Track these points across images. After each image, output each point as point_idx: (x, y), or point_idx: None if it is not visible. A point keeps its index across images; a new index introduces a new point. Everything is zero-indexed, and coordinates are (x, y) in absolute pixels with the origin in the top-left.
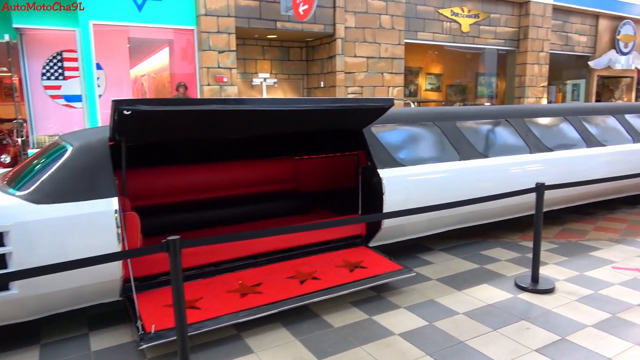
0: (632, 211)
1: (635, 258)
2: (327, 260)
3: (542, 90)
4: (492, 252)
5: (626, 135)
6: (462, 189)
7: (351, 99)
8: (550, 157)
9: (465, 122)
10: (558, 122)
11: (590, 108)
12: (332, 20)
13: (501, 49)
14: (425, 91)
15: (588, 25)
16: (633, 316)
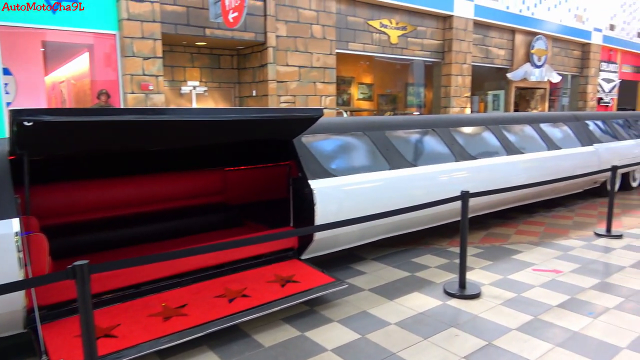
0: (549, 214)
1: (552, 260)
2: (257, 275)
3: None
4: (423, 259)
5: (541, 143)
6: (393, 197)
7: (279, 109)
8: (474, 165)
9: (394, 132)
10: (481, 131)
11: (510, 117)
12: (263, 29)
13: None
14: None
15: (505, 40)
16: (552, 317)
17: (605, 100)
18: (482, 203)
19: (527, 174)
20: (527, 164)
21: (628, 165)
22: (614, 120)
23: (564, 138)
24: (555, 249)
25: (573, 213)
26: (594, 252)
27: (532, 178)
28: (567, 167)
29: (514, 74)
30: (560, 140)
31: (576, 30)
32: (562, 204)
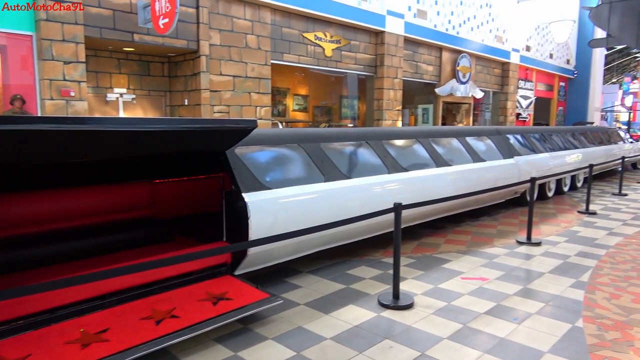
0: (475, 223)
1: (479, 268)
2: (188, 294)
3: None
4: (357, 270)
5: (467, 156)
6: (328, 209)
7: (211, 119)
8: (406, 177)
9: (329, 144)
10: (411, 144)
11: (438, 131)
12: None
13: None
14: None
15: (434, 57)
16: (480, 324)
17: (523, 116)
18: (414, 214)
19: (455, 185)
20: (454, 176)
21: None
22: (531, 134)
23: (488, 151)
24: (482, 257)
25: (497, 222)
26: (517, 260)
27: (460, 189)
28: (490, 178)
29: (442, 89)
30: (484, 153)
31: (496, 49)
32: (487, 213)
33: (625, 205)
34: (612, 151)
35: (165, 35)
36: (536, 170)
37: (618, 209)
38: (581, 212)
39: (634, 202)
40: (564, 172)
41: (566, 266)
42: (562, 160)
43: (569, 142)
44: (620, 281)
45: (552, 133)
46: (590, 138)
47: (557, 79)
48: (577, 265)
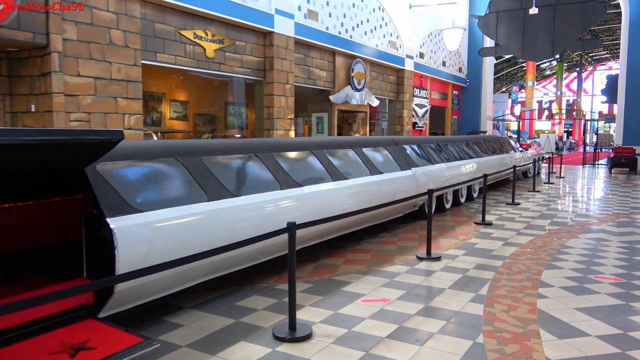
0: (375, 240)
1: (380, 288)
2: (38, 346)
3: (289, 122)
4: (249, 301)
5: (365, 168)
6: (213, 233)
7: (65, 130)
8: (300, 193)
9: (212, 158)
10: (305, 156)
11: (333, 141)
12: (45, 29)
13: (248, 78)
14: (170, 120)
15: (327, 61)
16: (383, 350)
17: (419, 125)
18: (311, 233)
19: (353, 200)
20: (352, 190)
21: (442, 188)
22: (427, 144)
23: (385, 162)
24: (382, 276)
25: (396, 238)
26: (417, 277)
27: (358, 204)
28: (389, 191)
29: (336, 96)
30: (382, 164)
31: (391, 55)
32: (387, 228)
33: (519, 214)
34: (504, 160)
35: (3, 24)
36: (433, 181)
37: (512, 219)
38: (478, 223)
39: (526, 210)
40: (461, 183)
41: (465, 280)
42: (458, 170)
43: (464, 151)
44: (516, 292)
45: (447, 143)
46: (484, 147)
47: (450, 87)
48: (476, 278)
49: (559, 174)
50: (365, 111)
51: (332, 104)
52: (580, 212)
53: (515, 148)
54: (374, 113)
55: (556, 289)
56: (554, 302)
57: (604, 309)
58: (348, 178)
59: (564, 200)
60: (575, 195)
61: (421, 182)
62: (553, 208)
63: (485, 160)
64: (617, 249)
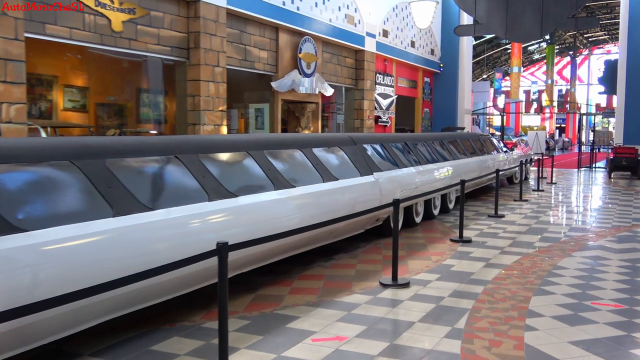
0: (328, 264)
1: (335, 323)
2: None
3: (221, 115)
4: (168, 344)
5: (316, 173)
6: (120, 258)
7: None
8: (234, 205)
9: (120, 161)
10: (241, 159)
11: (276, 140)
12: None
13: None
14: (63, 111)
15: (268, 39)
16: None
17: (383, 119)
18: (247, 256)
19: (301, 214)
20: (300, 201)
21: (411, 197)
22: (393, 143)
23: (341, 166)
24: (338, 309)
25: (356, 260)
26: (381, 308)
27: (308, 218)
28: (346, 202)
29: (280, 83)
30: (337, 168)
31: (348, 33)
32: (344, 249)
33: (502, 229)
34: (485, 163)
35: None
36: (401, 189)
37: (495, 234)
38: (454, 241)
39: (511, 224)
40: (434, 191)
41: (440, 311)
42: (430, 175)
43: (438, 152)
44: (500, 324)
45: (417, 142)
46: (461, 148)
47: (421, 73)
48: (452, 308)
49: (550, 180)
50: (317, 102)
51: (274, 93)
52: (575, 225)
53: (498, 148)
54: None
55: (547, 319)
56: (545, 336)
57: (603, 342)
58: (295, 186)
59: (556, 211)
60: (569, 204)
61: (386, 191)
62: (543, 221)
63: (463, 163)
64: (617, 269)
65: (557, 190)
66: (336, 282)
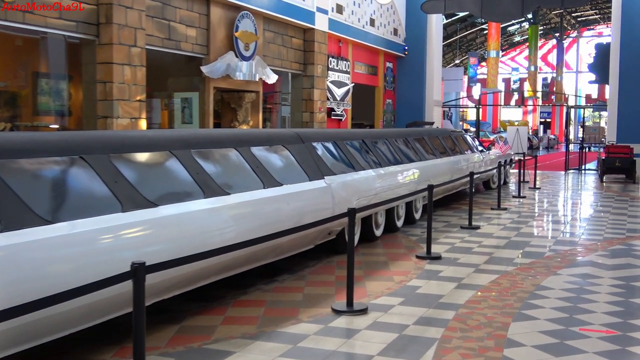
0: (270, 287)
1: (277, 359)
2: None
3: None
4: None
5: (255, 177)
6: (11, 282)
7: None
8: (154, 216)
9: (9, 162)
10: (163, 160)
11: (207, 137)
12: None
13: (72, 36)
14: None
15: (197, 13)
16: None
17: (337, 112)
18: (171, 279)
19: (238, 226)
20: (235, 211)
21: (370, 206)
22: (349, 141)
23: (286, 169)
24: (281, 341)
25: (303, 282)
26: (334, 339)
27: (245, 232)
28: (291, 212)
29: (212, 67)
30: (281, 172)
31: (295, 8)
32: (289, 269)
33: (478, 242)
34: (458, 165)
35: None
36: (357, 196)
37: (469, 249)
38: (421, 257)
39: (487, 237)
40: (397, 198)
41: (403, 342)
42: (393, 179)
43: (402, 152)
44: (474, 356)
45: (378, 139)
46: (430, 146)
47: (382, 57)
48: (418, 338)
49: (533, 184)
50: (257, 91)
51: (205, 80)
52: (561, 237)
53: (473, 147)
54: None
55: (528, 349)
56: None
57: None
58: (229, 193)
59: (540, 221)
60: (555, 213)
61: (339, 198)
62: (525, 233)
63: (431, 164)
64: (610, 289)
65: (542, 196)
66: (279, 308)
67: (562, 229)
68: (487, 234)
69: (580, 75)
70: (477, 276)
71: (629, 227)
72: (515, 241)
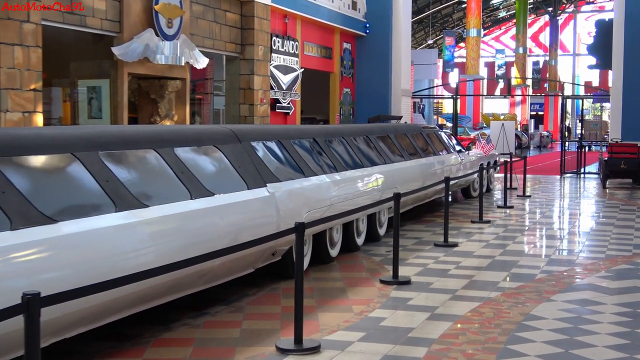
0: (199, 322)
1: None
2: None
3: (34, 97)
4: None
5: (180, 186)
6: None
7: None
8: (52, 235)
9: None
10: (63, 164)
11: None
12: None
13: None
14: None
15: None
16: None
17: (283, 105)
18: (74, 312)
19: (158, 247)
20: (156, 227)
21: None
22: (297, 141)
23: (219, 174)
24: None
25: (241, 314)
26: None
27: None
28: (226, 228)
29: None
30: (213, 178)
31: None
32: (224, 298)
33: (455, 263)
34: (431, 169)
35: None
36: (308, 207)
37: (444, 272)
38: (386, 282)
39: (467, 256)
40: (357, 210)
41: None
42: (352, 187)
43: (363, 153)
44: None
45: (333, 138)
46: (397, 146)
47: (338, 37)
48: None
49: (523, 191)
50: (183, 78)
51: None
52: (556, 256)
53: (449, 146)
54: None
55: None
56: None
57: None
58: (147, 205)
59: (531, 236)
60: (548, 227)
61: (286, 210)
62: (512, 251)
63: (398, 168)
64: (613, 318)
65: (532, 206)
66: (211, 348)
67: (556, 246)
68: (466, 253)
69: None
70: (455, 304)
71: (636, 243)
72: (500, 261)
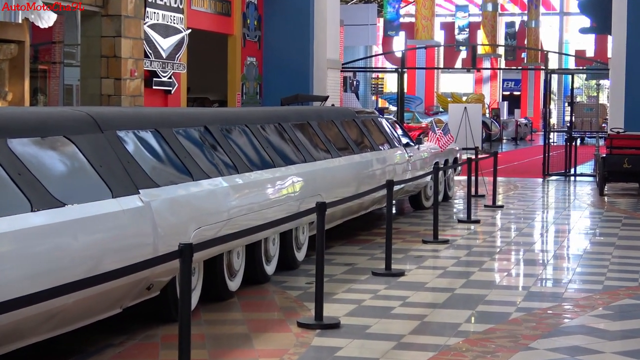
0: None
1: None
2: None
3: None
4: None
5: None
6: None
7: None
8: None
9: None
10: None
11: None
12: None
13: None
14: None
15: None
16: None
17: (163, 80)
18: None
19: None
20: None
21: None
22: (181, 129)
23: (72, 177)
24: None
25: None
26: None
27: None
28: (81, 252)
29: None
30: (63, 183)
31: None
32: (78, 350)
33: (401, 298)
34: (368, 168)
35: None
36: (197, 223)
37: (385, 310)
38: (306, 326)
39: (417, 289)
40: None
41: None
42: (258, 194)
43: (273, 148)
44: None
45: (232, 126)
46: (320, 138)
47: None
48: None
49: (493, 200)
50: (22, 41)
51: None
52: (536, 288)
53: (393, 138)
54: (44, 46)
55: None
56: None
57: None
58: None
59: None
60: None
61: (166, 226)
62: (478, 281)
63: (323, 168)
64: None
65: (506, 220)
66: None
67: (538, 274)
68: (416, 284)
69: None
70: (400, 355)
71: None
72: (462, 295)
